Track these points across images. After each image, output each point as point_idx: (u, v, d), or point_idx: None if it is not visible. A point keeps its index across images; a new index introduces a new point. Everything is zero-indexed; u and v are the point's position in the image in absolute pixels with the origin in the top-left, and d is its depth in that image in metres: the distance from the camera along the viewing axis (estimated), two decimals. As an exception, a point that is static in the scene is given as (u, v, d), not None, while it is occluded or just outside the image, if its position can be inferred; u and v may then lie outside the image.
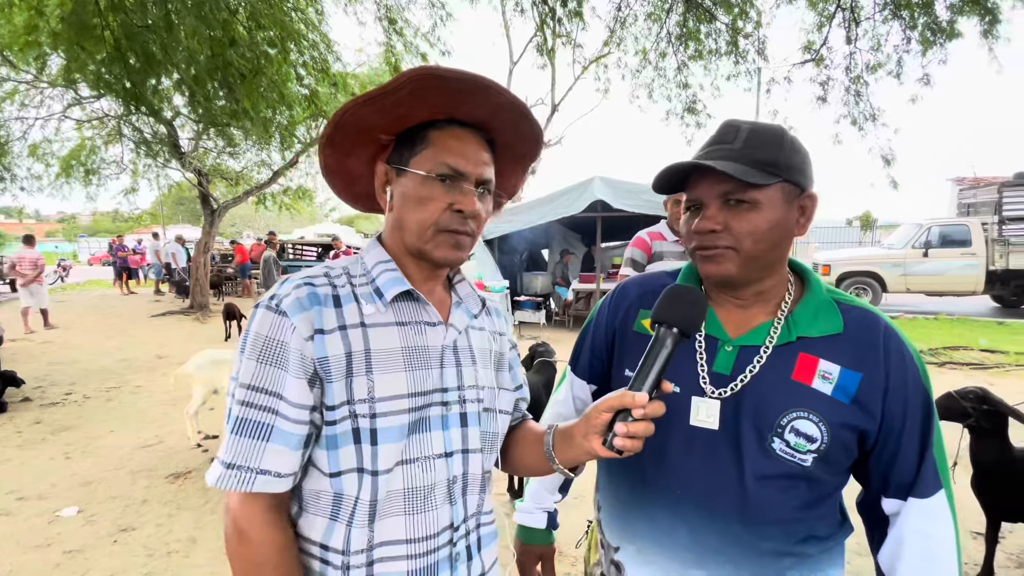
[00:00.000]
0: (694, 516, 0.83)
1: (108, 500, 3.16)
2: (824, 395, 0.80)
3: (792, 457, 0.80)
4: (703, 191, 0.83)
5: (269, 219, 31.52)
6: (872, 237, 21.72)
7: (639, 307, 0.97)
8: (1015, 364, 6.61)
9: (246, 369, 0.71)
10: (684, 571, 0.83)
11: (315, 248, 16.59)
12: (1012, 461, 2.25)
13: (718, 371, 0.85)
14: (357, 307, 0.77)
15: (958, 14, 4.23)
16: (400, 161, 0.79)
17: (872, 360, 0.81)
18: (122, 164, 11.36)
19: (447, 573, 0.79)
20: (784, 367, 0.82)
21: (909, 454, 0.82)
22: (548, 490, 1.11)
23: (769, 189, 0.80)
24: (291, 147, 10.08)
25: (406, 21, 5.63)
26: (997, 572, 2.46)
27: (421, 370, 0.78)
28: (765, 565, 0.81)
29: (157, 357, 7.12)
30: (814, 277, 0.90)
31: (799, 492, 0.81)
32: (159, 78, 5.71)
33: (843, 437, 0.80)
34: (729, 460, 0.82)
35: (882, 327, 0.84)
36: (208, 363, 3.93)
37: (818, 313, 0.85)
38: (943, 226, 11.30)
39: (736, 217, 0.80)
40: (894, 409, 0.81)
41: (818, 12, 4.81)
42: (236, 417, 0.71)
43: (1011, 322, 9.80)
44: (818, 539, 0.83)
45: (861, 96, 4.92)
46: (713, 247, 0.82)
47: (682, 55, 5.20)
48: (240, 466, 0.70)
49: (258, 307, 0.74)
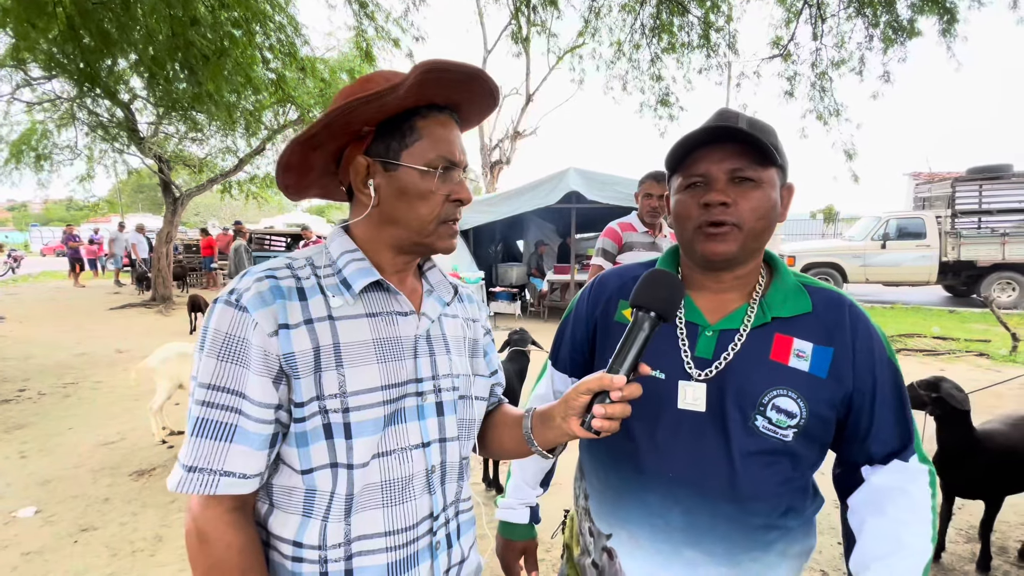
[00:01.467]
0: (686, 497, 0.85)
1: (68, 499, 3.04)
2: (801, 372, 0.84)
3: (774, 433, 0.83)
4: (712, 166, 0.83)
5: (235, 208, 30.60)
6: (834, 229, 22.50)
7: (619, 298, 0.99)
8: (965, 351, 6.97)
9: (205, 367, 0.69)
10: (677, 552, 0.85)
11: (284, 238, 16.18)
12: (975, 442, 2.39)
13: (700, 355, 0.88)
14: (324, 300, 0.74)
15: (918, 13, 4.39)
16: (388, 154, 0.75)
17: (840, 336, 0.85)
18: (76, 149, 10.80)
19: (428, 562, 0.79)
20: (762, 348, 0.86)
21: (885, 426, 0.86)
22: (529, 484, 1.11)
23: (771, 170, 0.84)
24: (257, 133, 9.79)
25: (377, 5, 5.49)
26: (947, 547, 2.61)
27: (394, 361, 0.77)
28: (754, 539, 0.84)
29: (117, 351, 6.85)
30: (781, 263, 0.94)
31: (782, 467, 0.85)
32: (115, 58, 5.45)
33: (820, 411, 0.84)
34: (716, 440, 0.85)
35: (847, 305, 0.89)
36: (173, 356, 3.80)
37: (788, 296, 0.89)
38: (900, 219, 11.78)
39: (742, 194, 0.83)
40: (865, 381, 0.85)
41: (786, 8, 4.91)
42: (196, 418, 0.68)
43: (962, 311, 10.33)
44: (797, 512, 0.87)
45: (826, 91, 5.06)
46: (721, 223, 0.83)
47: (655, 47, 5.24)
48: (202, 468, 0.67)
49: (217, 301, 0.71)
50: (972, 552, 2.56)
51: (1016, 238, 10.78)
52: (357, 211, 0.81)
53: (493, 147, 22.65)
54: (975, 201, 11.23)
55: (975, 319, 9.28)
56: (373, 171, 0.76)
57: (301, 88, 7.83)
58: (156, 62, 4.66)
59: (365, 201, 0.78)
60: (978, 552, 2.48)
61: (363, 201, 0.78)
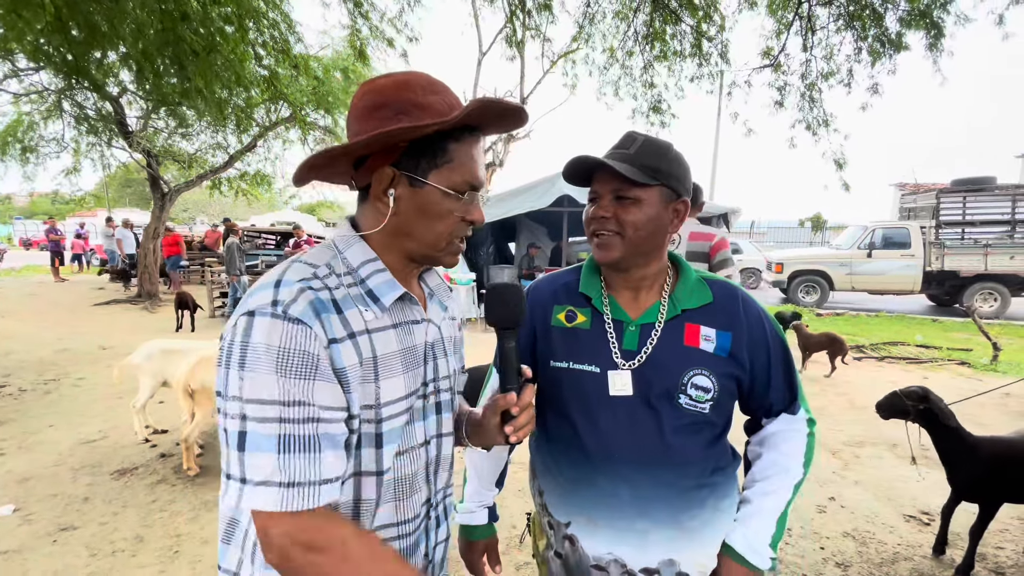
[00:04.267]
0: (631, 472, 0.98)
1: (47, 498, 2.99)
2: (710, 354, 1.00)
3: (695, 407, 0.99)
4: (600, 186, 1.01)
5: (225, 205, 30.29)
6: (822, 237, 22.77)
7: (552, 304, 1.11)
8: (947, 359, 7.08)
9: (264, 385, 0.64)
10: (630, 525, 0.97)
11: (274, 236, 16.03)
12: (971, 450, 2.45)
13: (627, 348, 1.02)
14: (358, 312, 0.74)
15: (906, 27, 4.46)
16: (416, 171, 0.76)
17: (736, 321, 1.03)
18: (63, 142, 10.66)
19: (424, 543, 0.86)
20: (677, 336, 1.01)
21: (779, 388, 1.07)
22: (486, 487, 1.19)
23: (650, 190, 0.98)
24: (248, 130, 9.69)
25: (372, 4, 5.47)
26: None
27: (413, 369, 0.81)
28: (690, 499, 0.98)
29: (101, 348, 6.75)
30: (685, 263, 1.10)
31: (704, 434, 1.01)
32: (104, 51, 5.37)
33: (727, 384, 1.01)
34: (649, 419, 0.99)
35: (740, 295, 1.06)
36: (157, 353, 3.73)
37: (692, 290, 1.05)
38: (886, 228, 11.95)
39: (623, 210, 0.98)
40: (758, 357, 1.03)
41: (777, 19, 4.97)
42: (278, 435, 0.65)
43: (945, 320, 10.49)
44: (721, 469, 1.04)
45: (815, 102, 5.12)
46: (604, 232, 1.00)
47: (648, 55, 5.28)
48: (301, 483, 0.66)
49: (255, 314, 0.67)
50: (952, 558, 2.60)
51: (998, 249, 10.98)
52: (370, 216, 0.80)
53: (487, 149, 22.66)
54: (959, 212, 11.43)
55: (957, 328, 9.43)
56: (397, 182, 0.76)
57: (294, 86, 7.78)
58: (145, 56, 4.61)
59: (382, 210, 0.77)
60: (958, 559, 2.52)
61: (379, 209, 0.78)
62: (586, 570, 1.00)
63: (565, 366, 1.04)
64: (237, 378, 0.65)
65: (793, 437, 1.07)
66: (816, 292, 12.27)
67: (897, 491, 3.29)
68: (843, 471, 3.62)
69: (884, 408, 2.64)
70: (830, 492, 3.29)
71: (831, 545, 2.73)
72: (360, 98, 0.77)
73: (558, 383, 1.05)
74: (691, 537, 0.98)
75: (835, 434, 4.32)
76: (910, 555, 2.64)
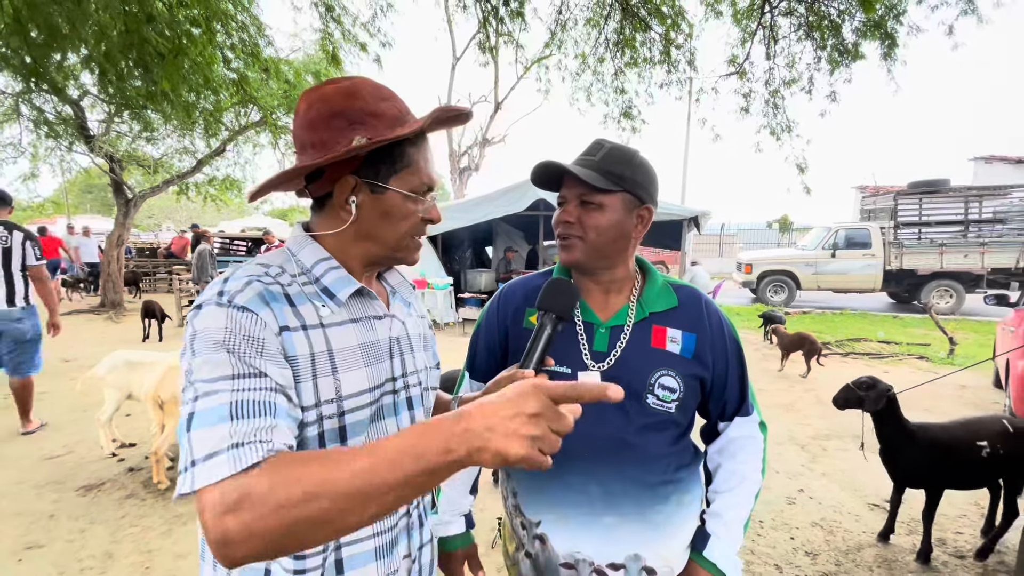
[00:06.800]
0: (599, 469, 1.01)
1: (11, 516, 2.87)
2: (676, 355, 1.04)
3: (662, 407, 1.03)
4: (567, 191, 1.05)
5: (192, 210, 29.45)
6: (789, 238, 23.46)
7: (525, 307, 1.13)
8: (906, 354, 7.39)
9: (217, 363, 0.62)
10: (597, 520, 1.00)
11: (245, 243, 15.69)
12: (910, 435, 2.60)
13: (597, 349, 1.05)
14: (312, 307, 0.75)
15: (862, 38, 4.67)
16: (378, 177, 0.78)
17: (700, 324, 1.07)
18: (20, 147, 10.22)
19: (405, 542, 0.86)
20: (644, 338, 1.05)
21: (734, 389, 1.11)
22: (460, 495, 1.18)
23: (613, 196, 1.01)
24: (217, 134, 9.48)
25: (344, 8, 5.43)
26: (891, 539, 2.77)
27: (377, 364, 0.81)
28: (656, 495, 1.02)
29: (63, 360, 6.49)
30: (652, 268, 1.15)
31: (670, 432, 1.05)
32: (64, 53, 5.20)
33: (692, 384, 1.05)
34: (618, 418, 1.02)
35: (703, 300, 1.11)
36: (122, 365, 3.60)
37: (659, 294, 1.09)
38: (848, 229, 12.42)
39: (586, 214, 1.02)
40: (719, 358, 1.08)
41: (741, 28, 5.13)
42: (229, 403, 0.60)
43: (904, 316, 10.94)
44: (685, 466, 1.08)
45: (779, 108, 5.30)
46: (568, 236, 1.04)
47: (619, 61, 5.38)
48: (251, 441, 0.58)
49: (202, 306, 0.67)
50: (913, 544, 2.72)
51: (952, 248, 11.53)
52: (329, 222, 0.81)
53: (462, 154, 22.60)
54: (916, 213, 11.96)
55: (916, 324, 9.86)
56: (358, 190, 0.78)
57: (264, 89, 7.65)
58: (108, 58, 4.47)
59: (344, 217, 0.79)
60: (919, 544, 2.65)
61: (340, 216, 0.79)
62: (555, 569, 1.02)
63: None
64: (189, 365, 0.64)
65: (748, 445, 1.12)
66: (784, 291, 12.67)
67: (861, 482, 3.43)
68: (811, 464, 3.75)
69: (839, 400, 2.79)
70: (799, 484, 3.41)
71: (800, 535, 2.83)
72: (308, 108, 0.77)
73: None
74: (656, 531, 1.02)
75: (803, 429, 4.47)
76: (875, 542, 2.76)
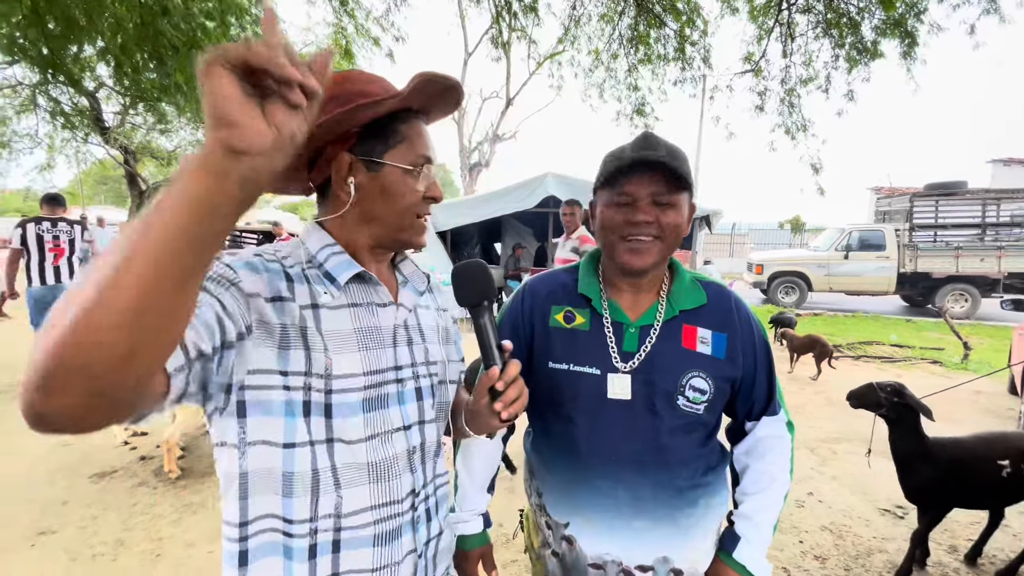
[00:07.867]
0: (628, 474, 0.99)
1: (24, 502, 2.92)
2: (707, 356, 1.01)
3: (692, 409, 1.00)
4: (638, 188, 0.96)
5: (204, 203, 29.64)
6: (801, 239, 23.22)
7: (551, 303, 1.10)
8: (920, 358, 7.29)
9: None
10: (627, 524, 0.99)
11: (255, 235, 15.78)
12: (926, 452, 2.39)
13: (627, 349, 1.02)
14: (308, 289, 0.76)
15: (882, 36, 4.60)
16: (373, 154, 0.79)
17: (730, 322, 1.04)
18: (37, 138, 10.38)
19: (410, 535, 0.84)
20: (675, 337, 1.02)
21: (762, 388, 1.08)
22: (478, 492, 1.17)
23: (684, 194, 0.98)
24: (231, 127, 9.54)
25: (357, 2, 5.44)
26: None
27: (376, 349, 0.80)
28: (685, 498, 1.00)
29: (77, 348, 6.58)
30: (678, 263, 1.10)
31: (699, 435, 1.03)
32: (81, 45, 5.25)
33: (722, 386, 1.02)
34: (647, 420, 0.99)
35: (732, 297, 1.08)
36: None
37: (687, 290, 1.05)
38: (862, 231, 12.25)
39: (663, 214, 0.97)
40: (748, 358, 1.05)
41: (758, 25, 5.07)
42: None
43: (918, 320, 10.79)
44: (713, 469, 1.05)
45: (794, 107, 5.24)
46: (643, 238, 0.97)
47: (632, 58, 5.35)
48: None
49: None
50: (941, 561, 2.68)
51: (968, 252, 11.33)
52: (331, 207, 0.82)
53: (472, 149, 22.61)
54: (931, 216, 11.77)
55: (930, 328, 9.72)
56: (355, 170, 0.79)
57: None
58: (124, 51, 4.52)
59: (344, 198, 0.79)
60: (930, 552, 2.59)
61: (341, 198, 0.80)
62: (583, 569, 1.01)
63: (564, 368, 1.04)
64: None
65: (776, 445, 1.09)
66: (795, 293, 12.54)
67: (872, 486, 3.39)
68: (821, 467, 3.71)
69: (856, 397, 2.58)
70: (808, 487, 3.38)
71: (809, 539, 2.80)
72: None
73: (557, 384, 1.05)
74: (685, 534, 1.00)
75: (813, 431, 4.43)
76: (884, 548, 2.73)
